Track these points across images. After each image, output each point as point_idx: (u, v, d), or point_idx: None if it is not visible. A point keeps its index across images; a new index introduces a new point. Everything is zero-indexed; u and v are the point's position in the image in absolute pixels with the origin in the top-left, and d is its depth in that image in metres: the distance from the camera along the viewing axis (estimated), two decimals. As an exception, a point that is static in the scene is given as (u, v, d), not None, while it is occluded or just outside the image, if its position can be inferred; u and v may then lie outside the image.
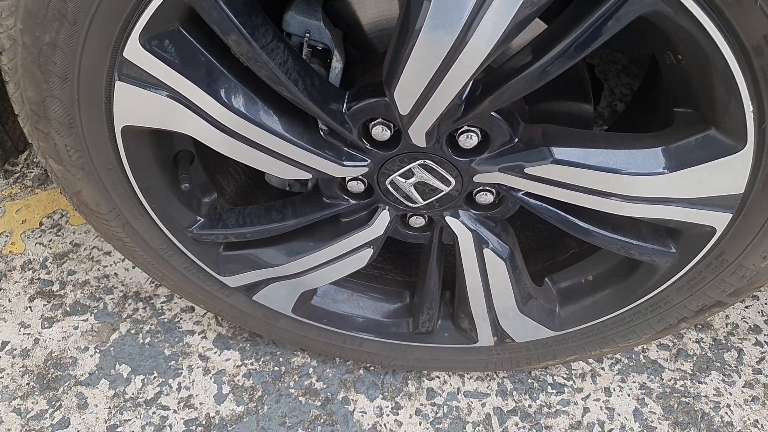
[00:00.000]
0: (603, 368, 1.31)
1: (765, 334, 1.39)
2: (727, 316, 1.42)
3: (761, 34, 0.59)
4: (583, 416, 1.23)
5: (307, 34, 0.79)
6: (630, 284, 0.96)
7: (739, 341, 1.37)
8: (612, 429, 1.22)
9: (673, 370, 1.31)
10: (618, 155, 0.76)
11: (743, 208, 0.77)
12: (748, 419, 1.24)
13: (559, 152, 0.77)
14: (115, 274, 1.43)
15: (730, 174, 0.73)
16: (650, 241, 0.88)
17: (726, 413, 1.25)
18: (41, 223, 1.52)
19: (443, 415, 1.23)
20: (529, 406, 1.24)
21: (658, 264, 0.90)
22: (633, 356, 1.33)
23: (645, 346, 1.35)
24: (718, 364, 1.33)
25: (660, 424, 1.23)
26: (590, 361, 1.32)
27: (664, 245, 0.88)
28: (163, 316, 1.37)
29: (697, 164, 0.73)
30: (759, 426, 1.23)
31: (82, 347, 1.30)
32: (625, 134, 0.78)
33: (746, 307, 1.44)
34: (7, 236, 1.49)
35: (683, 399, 1.27)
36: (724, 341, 1.37)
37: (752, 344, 1.37)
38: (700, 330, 1.39)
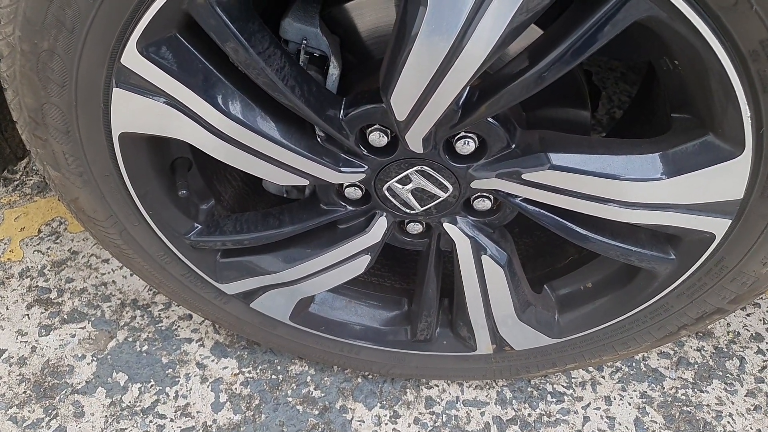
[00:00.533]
0: (603, 376, 1.30)
1: (767, 343, 1.38)
2: (728, 324, 1.41)
3: (757, 39, 0.59)
4: (583, 425, 1.22)
5: (305, 41, 0.80)
6: (629, 291, 0.96)
7: (741, 349, 1.36)
8: (613, 438, 1.21)
9: (674, 379, 1.30)
10: (616, 161, 0.76)
11: (743, 214, 0.77)
12: (751, 428, 1.23)
13: (556, 158, 0.77)
14: (113, 281, 1.43)
15: (728, 179, 0.73)
16: (649, 247, 0.87)
17: (728, 422, 1.23)
18: (40, 231, 1.52)
19: (442, 424, 1.22)
20: (529, 414, 1.23)
21: (658, 271, 0.89)
22: (633, 364, 1.32)
23: (645, 355, 1.34)
24: (720, 373, 1.32)
25: (661, 433, 1.22)
26: (590, 369, 1.31)
27: (663, 252, 0.87)
28: (160, 324, 1.36)
29: (695, 170, 0.73)
30: (761, 435, 1.22)
31: (79, 355, 1.29)
32: (622, 140, 0.78)
33: (748, 315, 1.43)
34: (5, 244, 1.48)
35: (685, 408, 1.25)
36: (725, 349, 1.36)
37: (754, 352, 1.36)
38: (701, 338, 1.38)
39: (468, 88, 0.72)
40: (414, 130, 0.76)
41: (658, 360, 1.33)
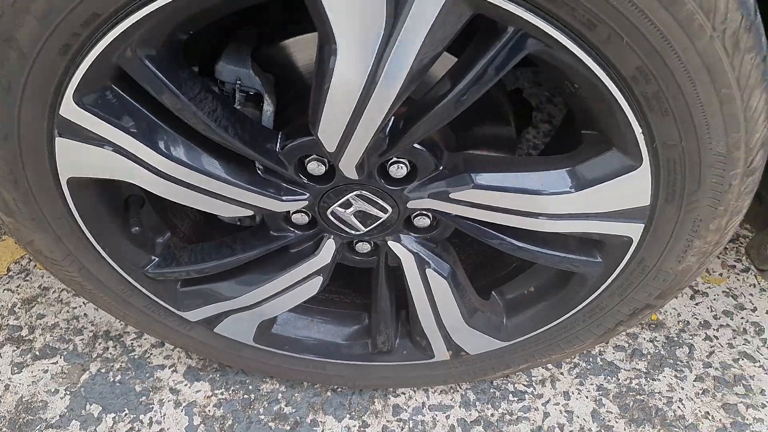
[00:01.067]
0: (562, 373, 1.36)
1: (714, 329, 1.45)
2: (679, 314, 1.48)
3: (634, 66, 0.65)
4: (543, 421, 1.28)
5: (239, 81, 0.84)
6: (567, 293, 1.02)
7: (690, 337, 1.43)
8: (571, 431, 1.26)
9: (629, 370, 1.37)
10: (532, 177, 0.82)
11: (653, 218, 0.83)
12: (699, 411, 1.29)
13: (478, 177, 0.83)
14: (85, 314, 1.46)
15: (634, 189, 0.79)
16: (578, 252, 0.93)
17: (678, 407, 1.30)
18: (9, 270, 1.54)
19: (409, 430, 1.27)
20: (492, 414, 1.29)
21: (588, 273, 0.95)
22: (590, 359, 1.38)
23: (602, 349, 1.40)
24: (671, 361, 1.38)
25: (617, 422, 1.28)
26: (549, 366, 1.37)
27: (591, 256, 0.93)
28: (133, 353, 1.39)
29: (604, 181, 0.79)
30: (710, 417, 1.29)
31: (53, 390, 1.32)
32: (539, 157, 0.84)
33: (696, 304, 1.50)
34: (-25, 284, 1.51)
35: (638, 397, 1.32)
36: (676, 338, 1.43)
37: (702, 339, 1.43)
38: (653, 329, 1.45)
39: (392, 117, 0.78)
40: (345, 159, 0.81)
41: (613, 353, 1.40)
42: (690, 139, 0.72)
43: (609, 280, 0.95)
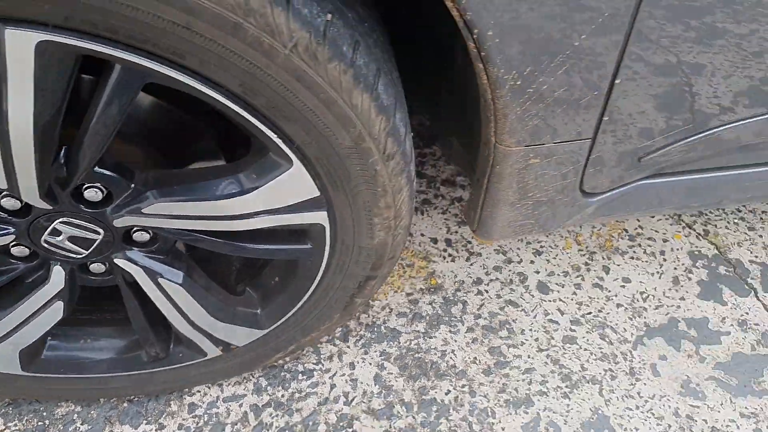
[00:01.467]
0: (348, 346, 1.48)
1: (485, 284, 1.64)
2: (455, 275, 1.65)
3: (237, 83, 0.74)
4: (330, 392, 1.40)
5: None
6: (300, 278, 1.12)
7: (464, 295, 1.61)
8: (355, 397, 1.39)
9: (409, 333, 1.52)
10: (211, 185, 0.90)
11: (331, 206, 0.94)
12: (469, 358, 1.47)
13: (163, 192, 0.90)
14: None
15: (299, 183, 0.89)
16: (290, 242, 1.03)
17: (451, 358, 1.47)
18: None
19: (204, 424, 1.34)
20: (282, 395, 1.39)
21: (307, 259, 1.06)
22: (375, 329, 1.52)
23: (385, 318, 1.54)
24: (447, 318, 1.55)
25: (396, 381, 1.42)
26: (337, 342, 1.49)
27: (302, 243, 1.04)
28: None
29: (271, 180, 0.89)
30: (477, 361, 1.47)
31: None
32: (217, 166, 0.93)
33: (471, 264, 1.68)
34: None
35: (416, 355, 1.47)
36: (452, 298, 1.60)
37: (475, 295, 1.61)
38: (432, 293, 1.61)
39: (63, 147, 0.83)
40: (25, 193, 0.85)
41: (396, 320, 1.54)
42: (319, 139, 0.82)
43: (325, 262, 1.06)
